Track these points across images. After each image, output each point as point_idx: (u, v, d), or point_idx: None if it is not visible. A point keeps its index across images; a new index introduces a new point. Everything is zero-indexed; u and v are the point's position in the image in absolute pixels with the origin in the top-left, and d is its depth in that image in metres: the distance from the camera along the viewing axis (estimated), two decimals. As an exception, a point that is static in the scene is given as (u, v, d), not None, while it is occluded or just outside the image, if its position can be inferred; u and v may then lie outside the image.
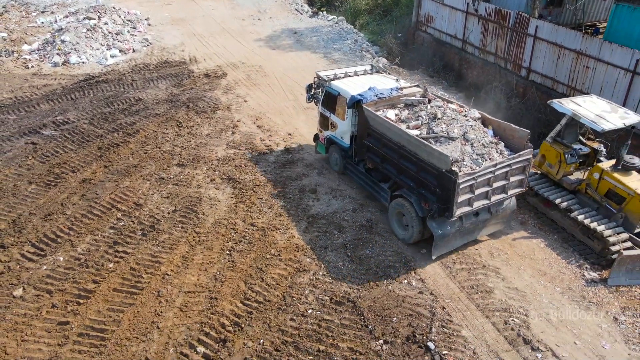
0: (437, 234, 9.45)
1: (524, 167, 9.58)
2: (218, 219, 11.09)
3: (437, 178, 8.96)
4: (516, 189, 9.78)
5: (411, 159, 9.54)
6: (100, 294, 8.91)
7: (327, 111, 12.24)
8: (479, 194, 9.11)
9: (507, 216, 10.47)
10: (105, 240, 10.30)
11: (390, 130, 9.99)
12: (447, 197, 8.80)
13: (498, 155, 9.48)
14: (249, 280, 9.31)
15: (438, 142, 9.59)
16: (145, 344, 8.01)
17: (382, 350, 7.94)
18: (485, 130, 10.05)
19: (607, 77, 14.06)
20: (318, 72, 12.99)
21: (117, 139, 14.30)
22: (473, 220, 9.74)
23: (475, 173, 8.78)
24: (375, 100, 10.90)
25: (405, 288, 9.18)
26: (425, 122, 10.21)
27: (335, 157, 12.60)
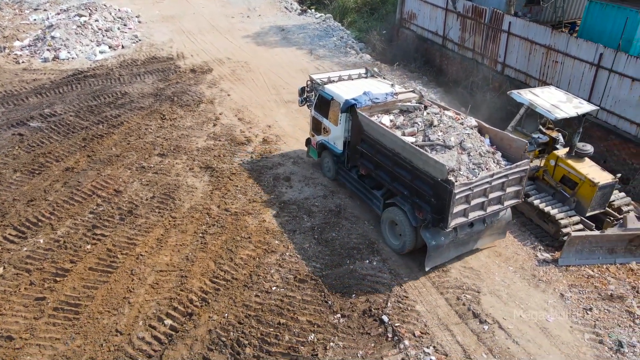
0: (431, 245, 9.12)
1: (521, 178, 9.24)
2: (194, 204, 11.58)
3: (433, 187, 8.66)
4: (512, 200, 9.43)
5: (406, 166, 9.22)
6: (77, 273, 9.40)
7: (320, 115, 11.88)
8: (474, 205, 8.83)
9: (502, 227, 10.10)
10: (84, 224, 10.79)
11: (385, 136, 9.65)
12: (442, 207, 8.49)
13: (495, 165, 9.16)
14: (218, 260, 9.81)
15: (434, 150, 9.27)
16: (116, 317, 8.50)
17: (339, 323, 8.44)
18: (482, 139, 9.73)
19: (574, 71, 14.57)
20: (311, 75, 12.66)
21: (101, 131, 14.79)
22: (468, 231, 9.45)
23: (471, 183, 8.49)
24: (369, 105, 10.63)
25: (366, 267, 9.68)
26: (421, 129, 9.89)
27: (328, 162, 12.31)
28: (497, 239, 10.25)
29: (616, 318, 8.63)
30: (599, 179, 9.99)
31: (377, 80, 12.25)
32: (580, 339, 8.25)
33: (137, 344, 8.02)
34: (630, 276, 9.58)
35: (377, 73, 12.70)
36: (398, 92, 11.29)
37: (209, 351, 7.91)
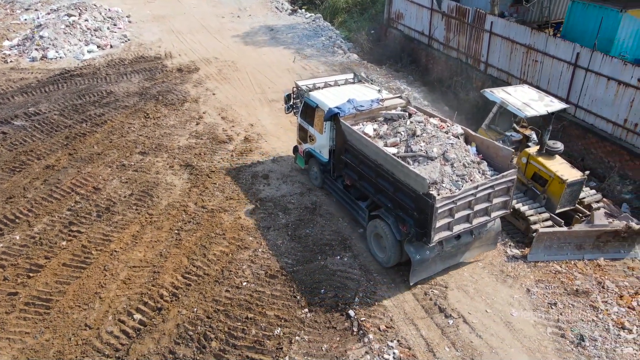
0: (415, 259, 8.80)
1: (508, 188, 8.87)
2: (171, 202, 11.70)
3: (415, 201, 8.35)
4: (500, 211, 9.08)
5: (388, 178, 8.90)
6: (50, 269, 9.51)
7: (306, 123, 11.60)
8: (459, 218, 8.49)
9: (492, 238, 9.77)
10: (61, 221, 10.91)
11: (367, 147, 9.33)
12: (425, 221, 8.18)
13: (480, 176, 8.81)
14: (191, 256, 9.93)
15: (416, 161, 8.91)
16: (87, 312, 8.62)
17: (306, 318, 8.55)
18: (467, 148, 9.35)
19: (553, 70, 14.69)
20: (297, 81, 12.40)
21: (84, 129, 14.91)
22: (454, 243, 9.10)
23: (454, 196, 8.13)
24: (354, 113, 10.29)
25: (337, 263, 9.79)
26: (404, 139, 9.50)
27: (315, 171, 12.04)
28: (486, 250, 9.91)
29: (580, 313, 8.74)
30: (567, 176, 10.10)
31: (364, 86, 11.89)
32: (543, 333, 8.36)
33: (105, 338, 8.13)
34: (597, 272, 9.69)
35: (365, 78, 12.37)
36: (384, 99, 10.92)
37: (175, 345, 8.02)
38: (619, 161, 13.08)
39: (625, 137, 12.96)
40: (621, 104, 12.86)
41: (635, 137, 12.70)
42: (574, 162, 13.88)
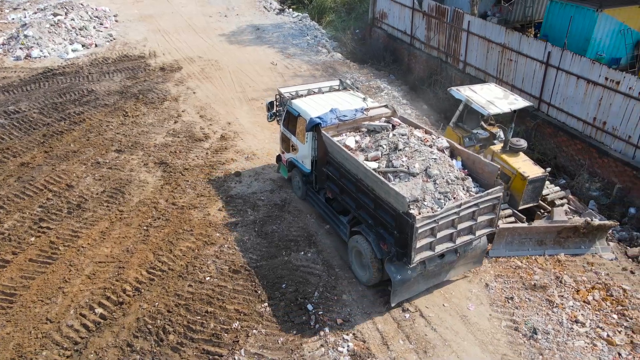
0: (396, 280, 8.35)
1: (494, 206, 8.47)
2: (143, 198, 11.82)
3: (395, 219, 7.95)
4: (485, 229, 8.68)
5: (369, 194, 8.52)
6: (16, 264, 9.64)
7: (289, 132, 11.23)
8: (442, 237, 8.10)
9: (477, 256, 9.32)
10: (31, 217, 11.03)
11: (348, 160, 8.94)
12: (405, 241, 7.81)
13: (464, 193, 8.41)
14: (157, 252, 10.05)
15: (397, 177, 8.55)
16: (49, 306, 8.74)
17: (265, 312, 8.68)
18: (452, 163, 8.96)
19: (526, 69, 14.82)
20: (280, 88, 12.03)
21: (62, 127, 15.02)
22: (438, 262, 8.66)
23: (436, 215, 7.75)
24: (336, 123, 9.89)
25: (301, 259, 9.92)
26: (386, 153, 9.12)
27: (298, 181, 11.66)
28: (472, 268, 9.53)
29: (535, 307, 8.88)
30: (529, 172, 10.23)
31: (349, 94, 11.46)
32: (497, 326, 8.50)
33: (65, 332, 8.26)
34: (557, 267, 9.83)
35: (350, 85, 12.01)
36: (369, 108, 10.48)
37: (134, 338, 8.15)
38: (588, 159, 13.23)
39: (595, 135, 13.09)
40: (590, 102, 12.99)
41: (604, 135, 12.83)
42: (547, 160, 14.14)
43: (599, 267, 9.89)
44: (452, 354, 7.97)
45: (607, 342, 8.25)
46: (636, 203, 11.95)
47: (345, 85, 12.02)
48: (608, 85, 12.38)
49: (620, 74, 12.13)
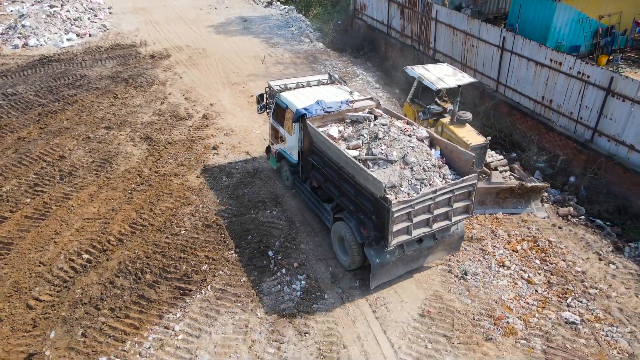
0: (375, 263, 8.73)
1: (469, 193, 8.80)
2: (128, 168, 13.02)
3: (373, 204, 8.32)
4: (461, 215, 9.02)
5: (350, 181, 8.88)
6: (13, 220, 10.85)
7: (277, 124, 11.65)
8: (418, 222, 8.42)
9: (455, 242, 9.71)
10: (27, 183, 12.23)
11: (330, 149, 9.30)
12: (382, 225, 8.17)
13: (440, 180, 8.73)
14: (139, 211, 11.27)
15: (377, 164, 8.90)
16: (42, 253, 9.96)
17: (231, 257, 9.91)
18: (430, 152, 9.28)
19: (486, 53, 16.03)
20: (270, 81, 12.32)
21: (56, 107, 16.21)
22: (416, 247, 9.03)
23: (411, 201, 8.07)
24: (322, 114, 10.26)
25: (267, 216, 11.15)
26: (366, 142, 9.49)
27: (286, 171, 12.04)
28: (449, 254, 9.97)
29: (470, 254, 10.10)
30: (471, 140, 11.43)
31: (335, 87, 11.87)
32: (434, 269, 9.72)
33: (56, 272, 9.48)
34: (494, 223, 11.06)
35: (338, 79, 12.34)
36: (354, 100, 10.87)
37: (115, 277, 9.36)
38: (537, 134, 14.44)
39: (543, 112, 14.31)
40: (539, 82, 14.19)
41: (551, 113, 14.05)
42: (504, 137, 15.37)
43: (531, 224, 11.12)
44: (391, 290, 9.20)
45: (527, 282, 9.49)
46: (576, 172, 13.16)
47: (333, 79, 12.37)
48: (552, 66, 13.58)
49: (562, 55, 13.34)
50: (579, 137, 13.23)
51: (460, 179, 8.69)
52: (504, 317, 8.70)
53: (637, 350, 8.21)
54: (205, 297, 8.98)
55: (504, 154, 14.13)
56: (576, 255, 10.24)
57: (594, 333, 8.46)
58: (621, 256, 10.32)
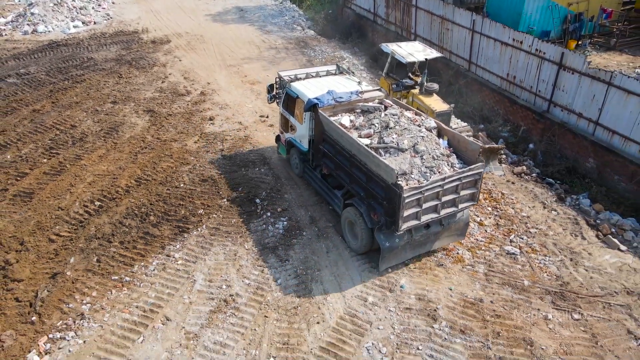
0: (385, 247, 9.09)
1: (476, 181, 9.17)
2: (133, 135, 14.53)
3: (384, 190, 8.62)
4: (467, 202, 9.37)
5: (361, 168, 9.18)
6: (33, 175, 12.36)
7: (287, 113, 11.85)
8: (427, 208, 8.74)
9: (460, 228, 10.06)
10: (43, 146, 13.73)
11: (343, 137, 9.60)
12: (393, 210, 8.46)
13: (449, 168, 9.09)
14: (144, 169, 12.77)
15: (388, 152, 9.23)
16: (60, 200, 11.47)
17: (224, 204, 11.42)
18: (439, 141, 9.66)
19: (459, 36, 17.53)
20: (280, 72, 12.54)
21: (66, 85, 17.71)
22: (424, 232, 9.39)
23: (422, 187, 8.38)
24: (333, 104, 10.54)
25: (256, 173, 12.66)
26: (378, 131, 9.83)
27: (295, 159, 12.32)
28: (455, 240, 10.26)
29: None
30: (437, 107, 12.94)
31: (344, 78, 12.10)
32: (398, 214, 11.22)
33: (72, 215, 10.99)
34: (455, 179, 12.56)
35: (347, 70, 12.62)
36: (364, 91, 11.16)
37: (124, 219, 10.88)
38: (503, 108, 15.97)
39: (508, 88, 15.82)
40: (504, 60, 15.70)
41: (514, 88, 15.55)
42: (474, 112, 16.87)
43: (488, 180, 12.64)
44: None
45: (479, 224, 11.02)
46: (534, 140, 14.69)
47: (341, 70, 12.61)
48: (515, 45, 15.08)
49: (522, 34, 14.84)
50: (537, 108, 14.75)
51: (467, 167, 9.07)
52: (455, 249, 10.23)
53: (564, 274, 9.75)
54: (201, 233, 10.50)
55: (474, 126, 15.65)
56: (524, 204, 11.77)
57: (529, 261, 10.00)
58: (563, 205, 11.86)
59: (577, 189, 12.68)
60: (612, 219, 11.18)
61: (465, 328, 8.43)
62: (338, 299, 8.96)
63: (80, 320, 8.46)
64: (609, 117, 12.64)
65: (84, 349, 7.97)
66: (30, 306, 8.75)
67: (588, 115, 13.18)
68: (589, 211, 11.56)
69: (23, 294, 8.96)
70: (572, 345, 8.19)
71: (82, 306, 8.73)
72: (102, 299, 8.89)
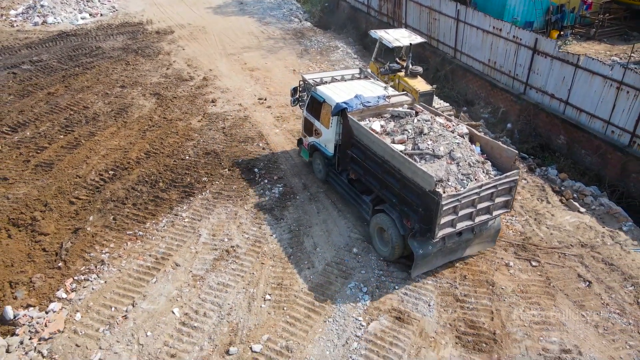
0: (418, 254, 9.00)
1: (510, 188, 9.08)
2: (141, 115, 15.74)
3: (420, 197, 8.51)
4: (501, 209, 9.31)
5: (395, 174, 9.05)
6: (52, 149, 13.59)
7: (312, 117, 11.69)
8: (462, 215, 8.70)
9: (491, 236, 10.01)
10: (59, 125, 14.95)
11: (375, 143, 9.47)
12: (430, 217, 8.37)
13: (484, 175, 9.01)
14: (152, 144, 13.99)
15: (423, 159, 9.07)
16: (77, 170, 12.70)
17: (225, 173, 12.66)
18: (472, 148, 9.59)
19: (445, 25, 18.71)
20: (304, 75, 12.53)
21: (77, 71, 18.90)
22: (456, 240, 9.32)
23: (459, 195, 8.32)
24: (360, 109, 10.42)
25: (255, 147, 13.88)
26: (411, 137, 9.63)
27: (319, 164, 12.19)
28: (485, 247, 10.23)
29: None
30: (420, 88, 14.13)
31: (369, 82, 12.05)
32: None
33: (89, 182, 12.23)
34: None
35: (371, 74, 12.64)
36: (390, 95, 11.11)
37: (135, 185, 12.11)
38: (484, 92, 17.17)
39: (489, 73, 17.01)
40: (486, 47, 16.88)
41: (495, 72, 16.75)
42: (458, 96, 18.06)
43: (466, 154, 13.84)
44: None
45: (455, 190, 12.21)
46: (512, 120, 15.89)
47: (365, 74, 12.62)
48: (495, 33, 16.27)
49: (501, 22, 16.03)
50: (515, 91, 15.96)
51: (503, 174, 8.98)
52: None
53: (527, 230, 10.98)
54: (205, 197, 11.73)
55: (457, 108, 16.85)
56: (497, 174, 12.98)
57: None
58: (533, 175, 13.09)
59: (547, 163, 13.89)
60: (575, 186, 12.41)
61: (436, 272, 9.66)
62: (326, 250, 10.19)
63: (101, 265, 9.70)
64: (577, 97, 13.84)
65: (105, 288, 9.21)
66: (56, 255, 9.99)
67: (559, 95, 14.38)
68: (555, 179, 12.78)
69: (49, 246, 10.20)
70: (529, 286, 9.43)
71: (101, 255, 9.97)
72: (119, 249, 10.13)
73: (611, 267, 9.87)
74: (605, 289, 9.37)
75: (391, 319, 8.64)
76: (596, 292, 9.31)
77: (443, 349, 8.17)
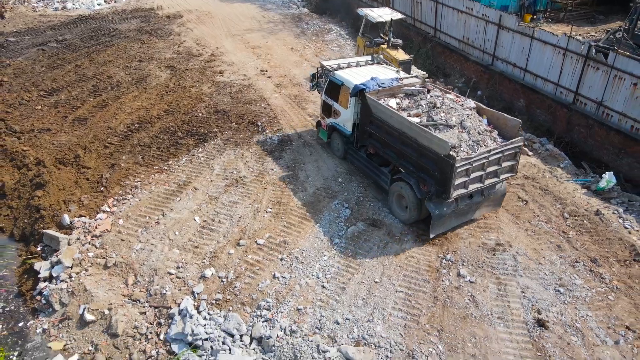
0: (435, 214, 9.97)
1: (515, 154, 10.11)
2: (158, 83, 18.08)
3: (436, 162, 9.47)
4: (507, 173, 10.34)
5: (412, 144, 10.02)
6: (85, 108, 15.94)
7: (331, 99, 12.68)
8: (473, 178, 9.64)
9: (498, 199, 10.99)
10: (88, 90, 17.30)
11: (392, 117, 10.39)
12: (445, 179, 9.27)
13: (492, 142, 9.97)
14: (169, 104, 16.34)
15: (437, 129, 10.02)
16: (107, 123, 15.05)
17: (233, 126, 15.00)
18: (480, 119, 10.54)
19: (426, 8, 20.99)
20: (322, 62, 13.60)
21: (98, 49, 21.23)
22: (467, 202, 10.28)
23: (471, 158, 9.24)
24: (377, 89, 11.36)
25: (257, 108, 16.23)
26: (425, 111, 10.63)
27: (337, 143, 13.16)
28: (492, 209, 11.34)
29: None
30: (399, 57, 16.43)
31: (382, 67, 13.19)
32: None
33: (119, 132, 14.59)
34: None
35: (383, 60, 13.93)
36: (402, 78, 12.23)
37: (158, 134, 14.46)
38: (459, 65, 19.48)
39: (464, 48, 19.32)
40: (460, 25, 19.19)
41: (468, 47, 19.06)
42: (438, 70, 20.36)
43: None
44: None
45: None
46: (482, 88, 18.22)
47: (378, 60, 13.91)
48: (468, 12, 18.57)
49: (472, 2, 18.33)
50: (484, 63, 18.28)
51: (509, 141, 10.07)
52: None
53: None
54: (217, 143, 14.09)
55: (435, 79, 19.16)
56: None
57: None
58: (493, 129, 15.38)
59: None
60: (526, 136, 14.74)
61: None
62: (317, 179, 12.55)
63: (135, 190, 12.07)
64: (533, 64, 16.16)
65: (139, 204, 11.58)
66: (98, 183, 12.35)
67: (520, 64, 16.70)
68: (511, 132, 15.10)
69: (92, 176, 12.58)
70: (477, 204, 11.76)
71: (134, 182, 12.33)
72: (148, 178, 12.50)
73: (546, 192, 12.23)
74: (539, 206, 11.72)
75: (366, 225, 11.00)
76: (530, 208, 11.67)
77: (405, 244, 10.53)
